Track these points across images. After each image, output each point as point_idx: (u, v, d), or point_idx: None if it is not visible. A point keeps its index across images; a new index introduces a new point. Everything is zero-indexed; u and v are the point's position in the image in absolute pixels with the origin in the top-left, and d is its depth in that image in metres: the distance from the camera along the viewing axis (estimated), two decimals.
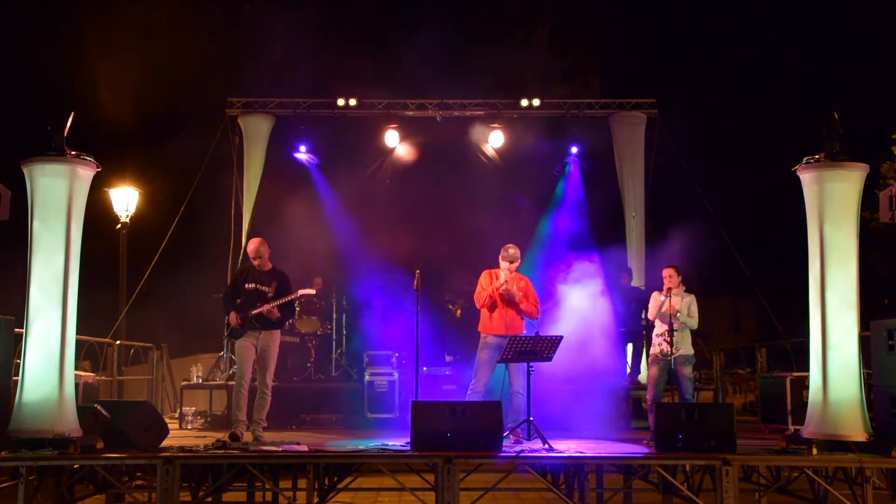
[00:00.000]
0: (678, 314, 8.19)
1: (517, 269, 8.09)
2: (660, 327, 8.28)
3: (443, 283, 12.44)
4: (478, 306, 8.02)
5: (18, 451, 6.00)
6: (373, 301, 11.72)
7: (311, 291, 8.27)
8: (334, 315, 11.54)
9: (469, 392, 7.88)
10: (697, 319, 8.34)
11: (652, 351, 8.31)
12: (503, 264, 7.96)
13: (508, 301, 7.92)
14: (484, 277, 8.06)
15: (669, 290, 8.22)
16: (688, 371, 8.24)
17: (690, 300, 8.32)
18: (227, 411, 8.70)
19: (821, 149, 6.74)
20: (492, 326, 7.93)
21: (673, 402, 8.20)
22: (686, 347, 8.29)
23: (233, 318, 7.62)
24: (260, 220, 13.33)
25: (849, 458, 6.18)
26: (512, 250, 7.93)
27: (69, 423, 6.22)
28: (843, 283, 6.56)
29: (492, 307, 7.93)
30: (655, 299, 8.42)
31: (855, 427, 6.41)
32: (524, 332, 7.97)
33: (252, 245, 7.84)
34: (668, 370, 8.23)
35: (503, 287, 7.86)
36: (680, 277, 8.35)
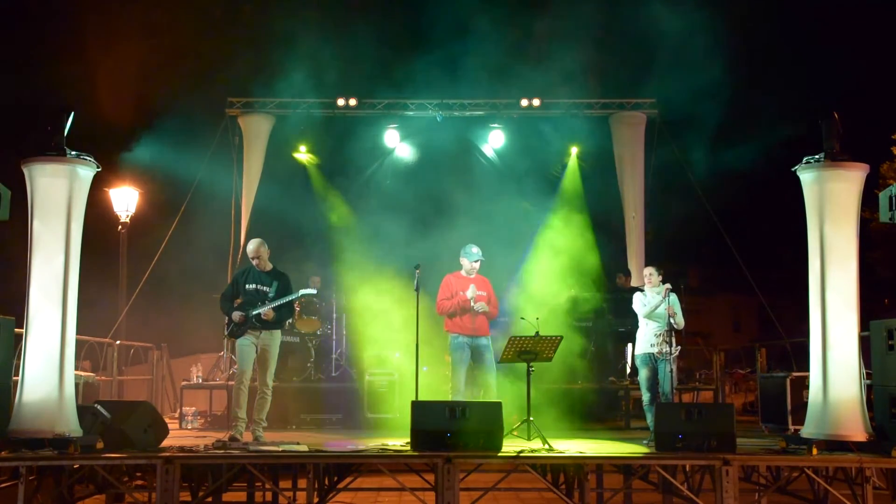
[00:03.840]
0: (676, 315, 8.17)
1: (518, 272, 8.22)
2: (655, 327, 8.20)
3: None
4: (439, 313, 8.18)
5: (18, 451, 6.00)
6: (373, 301, 11.70)
7: (313, 291, 8.28)
8: (334, 315, 11.53)
9: (452, 395, 8.01)
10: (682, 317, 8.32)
11: (645, 350, 8.22)
12: (467, 263, 8.07)
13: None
14: (445, 286, 8.18)
15: (669, 290, 8.16)
16: (673, 367, 8.21)
17: (673, 299, 8.23)
18: (227, 411, 8.70)
19: (821, 149, 6.74)
20: (462, 327, 8.14)
21: (671, 402, 8.18)
22: (675, 346, 8.25)
23: (237, 316, 7.63)
24: (260, 220, 13.33)
25: (849, 458, 6.18)
26: (477, 252, 8.13)
27: (69, 423, 6.23)
28: (843, 283, 6.57)
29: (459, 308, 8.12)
30: (639, 299, 8.35)
31: (855, 427, 6.42)
32: (489, 332, 8.22)
33: (251, 246, 7.85)
34: (656, 368, 8.19)
35: (480, 308, 8.06)
36: (660, 277, 8.33)
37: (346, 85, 13.25)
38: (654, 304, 8.14)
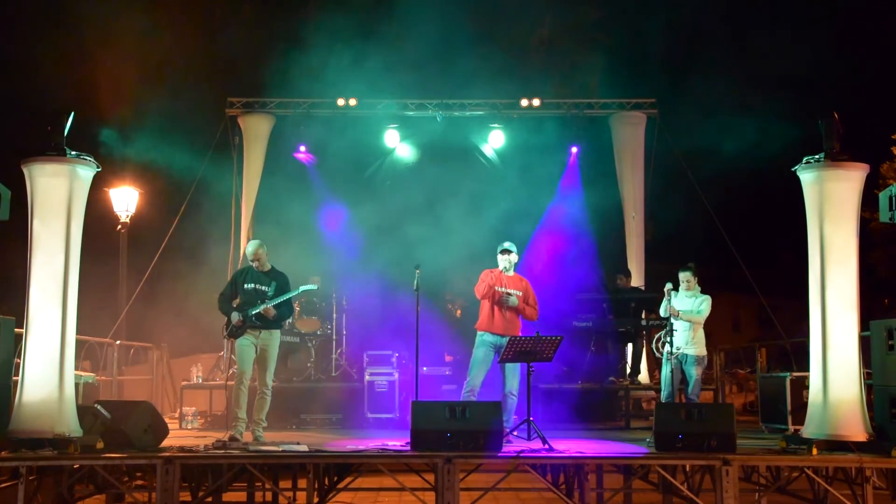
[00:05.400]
0: (681, 313, 8.27)
1: (518, 272, 8.12)
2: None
3: (443, 283, 12.45)
4: (478, 297, 7.99)
5: (18, 451, 6.00)
6: (373, 301, 11.70)
7: (314, 286, 8.29)
8: (334, 315, 11.53)
9: (465, 391, 7.82)
10: (702, 318, 8.36)
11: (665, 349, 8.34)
12: (501, 259, 7.99)
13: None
14: (484, 273, 8.06)
15: (669, 291, 8.27)
16: (697, 372, 8.29)
17: (703, 299, 8.40)
18: (227, 411, 8.71)
19: (821, 149, 6.75)
20: (490, 325, 7.90)
21: (676, 402, 8.23)
22: (698, 348, 8.33)
23: (236, 319, 7.63)
24: (260, 220, 13.35)
25: (849, 458, 6.18)
26: (508, 244, 8.02)
27: (69, 423, 6.23)
28: (843, 283, 6.57)
29: (492, 306, 7.92)
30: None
31: (855, 427, 6.43)
32: (521, 332, 7.93)
33: (250, 247, 7.86)
34: (680, 369, 8.30)
35: (509, 299, 7.87)
36: (696, 279, 8.47)
37: (347, 85, 13.25)
38: (664, 307, 8.29)
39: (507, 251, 7.97)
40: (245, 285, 7.74)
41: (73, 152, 6.43)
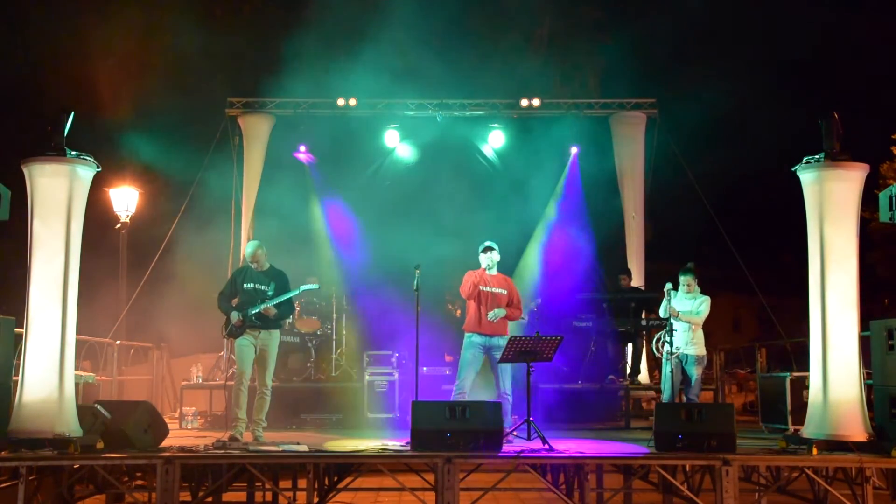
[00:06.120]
0: (680, 313, 8.29)
1: (518, 272, 8.14)
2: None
3: (443, 283, 12.44)
4: (464, 296, 8.00)
5: (18, 451, 6.00)
6: (373, 301, 11.70)
7: (315, 286, 8.26)
8: (334, 315, 11.53)
9: (455, 393, 7.79)
10: (701, 318, 8.38)
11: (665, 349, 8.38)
12: (483, 258, 7.99)
13: (494, 301, 7.93)
14: (468, 274, 8.08)
15: (668, 291, 8.30)
16: (697, 372, 8.31)
17: (702, 300, 8.44)
18: (227, 411, 8.71)
19: (821, 149, 6.75)
20: (478, 326, 7.89)
21: (676, 401, 8.24)
22: (698, 348, 8.36)
23: (235, 318, 7.62)
24: (260, 220, 13.34)
25: (849, 458, 6.18)
26: (489, 242, 8.03)
27: (69, 423, 6.23)
28: (843, 283, 6.57)
29: (478, 306, 7.92)
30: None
31: (855, 427, 6.43)
32: (508, 332, 7.95)
33: (249, 249, 7.87)
34: (681, 369, 8.33)
35: (495, 313, 7.85)
36: (696, 280, 8.52)
37: (347, 85, 13.25)
38: (664, 307, 8.33)
39: (488, 249, 7.98)
40: (244, 285, 7.74)
41: (73, 152, 6.43)
